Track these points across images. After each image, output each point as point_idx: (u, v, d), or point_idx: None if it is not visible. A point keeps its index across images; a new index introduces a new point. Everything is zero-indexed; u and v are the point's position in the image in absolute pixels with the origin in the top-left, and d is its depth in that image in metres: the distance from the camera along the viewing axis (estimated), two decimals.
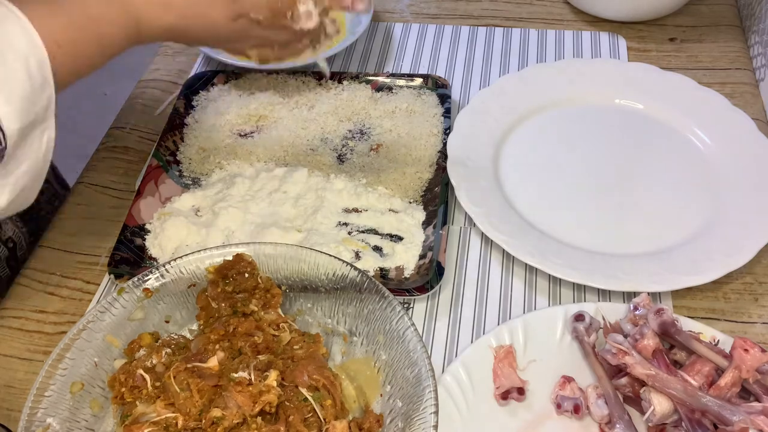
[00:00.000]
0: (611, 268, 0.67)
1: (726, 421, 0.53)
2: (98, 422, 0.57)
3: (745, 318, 0.66)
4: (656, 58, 0.93)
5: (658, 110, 0.84)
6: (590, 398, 0.58)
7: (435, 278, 0.67)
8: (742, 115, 0.80)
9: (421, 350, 0.56)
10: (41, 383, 0.55)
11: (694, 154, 0.79)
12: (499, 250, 0.72)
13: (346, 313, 0.62)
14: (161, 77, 0.94)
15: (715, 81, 0.89)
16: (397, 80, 0.87)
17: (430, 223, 0.72)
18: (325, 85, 0.87)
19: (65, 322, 0.68)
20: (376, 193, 0.76)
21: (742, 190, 0.73)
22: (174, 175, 0.79)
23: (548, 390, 0.60)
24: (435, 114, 0.83)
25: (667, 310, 0.59)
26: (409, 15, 1.02)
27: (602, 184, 0.77)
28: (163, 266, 0.63)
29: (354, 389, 0.59)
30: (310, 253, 0.63)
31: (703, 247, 0.69)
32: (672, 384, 0.55)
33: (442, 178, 0.75)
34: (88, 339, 0.58)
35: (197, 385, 0.52)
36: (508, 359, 0.61)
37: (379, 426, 0.55)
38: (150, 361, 0.57)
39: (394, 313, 0.58)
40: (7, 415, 0.62)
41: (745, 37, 0.96)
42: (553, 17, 1.00)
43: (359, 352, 0.61)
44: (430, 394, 0.53)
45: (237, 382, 0.52)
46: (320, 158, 0.80)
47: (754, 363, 0.55)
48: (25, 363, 0.66)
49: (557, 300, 0.68)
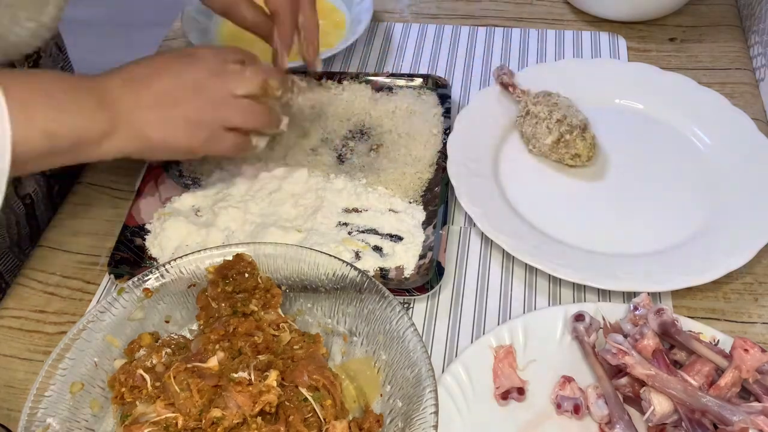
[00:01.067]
0: (611, 268, 0.67)
1: (726, 421, 0.53)
2: (98, 422, 0.57)
3: (745, 318, 0.66)
4: (656, 58, 0.93)
5: (658, 110, 0.84)
6: (590, 398, 0.58)
7: (435, 278, 0.67)
8: (742, 115, 0.80)
9: (421, 350, 0.56)
10: (41, 383, 0.55)
11: (694, 154, 0.79)
12: (499, 250, 0.72)
13: (346, 313, 0.62)
14: None
15: (715, 81, 0.89)
16: (397, 80, 0.87)
17: (430, 223, 0.72)
18: (325, 85, 0.87)
19: (65, 322, 0.68)
20: (376, 193, 0.76)
21: (742, 190, 0.73)
22: (174, 175, 0.79)
23: (548, 390, 0.60)
24: (435, 114, 0.83)
25: (667, 310, 0.59)
26: (409, 15, 1.02)
27: (602, 184, 0.77)
28: (163, 266, 0.63)
29: (354, 389, 0.59)
30: (310, 253, 0.63)
31: (703, 247, 0.69)
32: (672, 384, 0.55)
33: (442, 178, 0.75)
34: (88, 339, 0.58)
35: (197, 385, 0.52)
36: (508, 359, 0.61)
37: (379, 426, 0.55)
38: (150, 361, 0.57)
39: (394, 313, 0.58)
40: (7, 415, 0.62)
41: (745, 37, 0.96)
42: (553, 17, 1.00)
43: (359, 352, 0.61)
44: (430, 394, 0.53)
45: (237, 382, 0.52)
46: (320, 158, 0.80)
47: (754, 363, 0.55)
48: (25, 363, 0.66)
49: (557, 300, 0.68)
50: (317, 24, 0.77)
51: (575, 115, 0.77)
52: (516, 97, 0.82)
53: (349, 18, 0.98)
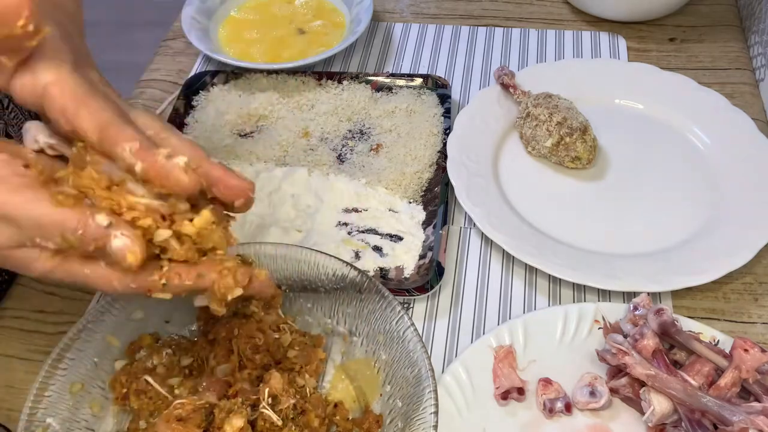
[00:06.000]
0: (611, 268, 0.67)
1: (726, 421, 0.53)
2: (98, 422, 0.57)
3: (745, 318, 0.66)
4: (656, 58, 0.93)
5: (658, 110, 0.84)
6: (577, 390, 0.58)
7: (435, 278, 0.67)
8: (742, 115, 0.80)
9: (421, 350, 0.56)
10: (41, 383, 0.55)
11: (694, 154, 0.79)
12: (499, 250, 0.72)
13: (346, 313, 0.62)
14: (161, 77, 0.94)
15: (715, 81, 0.89)
16: (397, 80, 0.87)
17: (430, 223, 0.72)
18: (325, 85, 0.87)
19: (65, 322, 0.68)
20: (376, 193, 0.76)
21: (742, 190, 0.73)
22: None
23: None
24: (435, 114, 0.83)
25: (667, 310, 0.59)
26: (409, 15, 1.02)
27: (602, 183, 0.77)
28: None
29: (354, 389, 0.60)
30: (310, 253, 0.63)
31: (703, 247, 0.69)
32: (672, 384, 0.55)
33: (442, 178, 0.75)
34: (88, 339, 0.58)
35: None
36: (508, 359, 0.61)
37: (379, 426, 0.55)
38: (151, 362, 0.57)
39: (394, 313, 0.58)
40: (7, 415, 0.62)
41: (745, 37, 0.96)
42: (553, 17, 1.00)
43: (359, 352, 0.61)
44: (430, 394, 0.53)
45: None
46: (320, 158, 0.80)
47: (754, 363, 0.55)
48: (25, 363, 0.66)
49: (557, 300, 0.68)
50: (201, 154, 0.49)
51: (576, 117, 0.77)
52: (517, 98, 0.82)
53: (349, 18, 0.98)
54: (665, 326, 0.58)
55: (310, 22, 0.98)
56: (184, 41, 0.98)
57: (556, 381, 0.60)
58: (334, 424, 0.56)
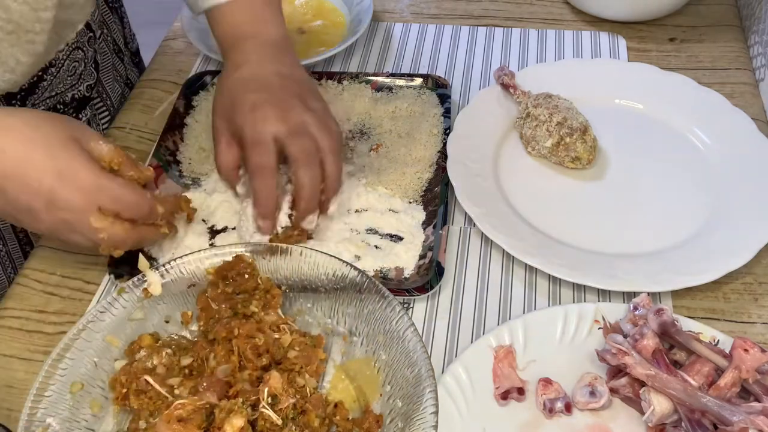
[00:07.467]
0: (611, 268, 0.67)
1: (726, 421, 0.53)
2: (98, 422, 0.57)
3: (745, 318, 0.66)
4: (656, 58, 0.93)
5: (658, 110, 0.83)
6: (577, 390, 0.58)
7: (435, 278, 0.67)
8: (742, 115, 0.80)
9: (421, 350, 0.56)
10: (41, 383, 0.55)
11: (694, 154, 0.79)
12: (499, 250, 0.72)
13: (346, 313, 0.62)
14: (161, 77, 0.94)
15: (715, 81, 0.89)
16: (397, 80, 0.87)
17: (430, 223, 0.72)
18: (325, 85, 0.87)
19: (65, 322, 0.68)
20: (376, 193, 0.76)
21: (742, 190, 0.73)
22: (174, 175, 0.79)
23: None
24: (435, 114, 0.83)
25: (667, 310, 0.59)
26: (409, 15, 1.02)
27: (602, 183, 0.77)
28: (163, 266, 0.63)
29: (354, 389, 0.60)
30: (310, 253, 0.63)
31: (703, 247, 0.69)
32: (672, 384, 0.55)
33: (442, 178, 0.75)
34: (88, 339, 0.59)
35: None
36: (508, 359, 0.61)
37: (379, 426, 0.55)
38: (151, 362, 0.57)
39: (394, 313, 0.58)
40: (7, 415, 0.62)
41: (745, 37, 0.96)
42: (553, 17, 1.00)
43: (359, 352, 0.61)
44: (430, 394, 0.53)
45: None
46: None
47: (754, 363, 0.55)
48: (25, 363, 0.66)
49: (557, 300, 0.68)
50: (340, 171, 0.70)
51: (576, 118, 0.77)
52: (516, 98, 0.82)
53: (349, 18, 0.98)
54: (665, 326, 0.58)
55: (310, 22, 0.98)
56: (184, 41, 0.98)
57: (556, 381, 0.60)
58: (334, 424, 0.56)
